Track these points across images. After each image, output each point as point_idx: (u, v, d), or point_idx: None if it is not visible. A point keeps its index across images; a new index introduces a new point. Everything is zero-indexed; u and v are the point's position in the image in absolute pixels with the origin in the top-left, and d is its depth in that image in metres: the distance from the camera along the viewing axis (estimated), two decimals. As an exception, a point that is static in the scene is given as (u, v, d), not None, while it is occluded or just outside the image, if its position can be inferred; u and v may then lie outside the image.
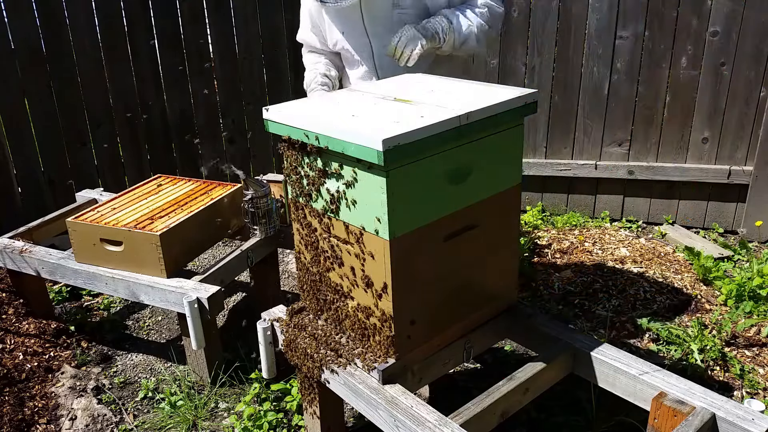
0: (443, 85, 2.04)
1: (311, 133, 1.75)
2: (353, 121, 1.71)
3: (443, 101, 1.82)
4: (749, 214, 3.75)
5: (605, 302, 3.06)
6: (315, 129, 1.73)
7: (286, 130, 1.84)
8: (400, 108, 1.80)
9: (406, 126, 1.61)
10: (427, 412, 1.70)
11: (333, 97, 2.07)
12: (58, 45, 3.76)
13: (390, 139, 1.54)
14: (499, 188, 1.91)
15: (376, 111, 1.81)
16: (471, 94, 1.89)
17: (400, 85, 2.10)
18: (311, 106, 1.95)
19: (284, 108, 1.91)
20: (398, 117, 1.70)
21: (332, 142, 1.68)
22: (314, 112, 1.85)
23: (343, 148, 1.65)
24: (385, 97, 1.93)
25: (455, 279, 1.89)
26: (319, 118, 1.79)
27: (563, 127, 3.96)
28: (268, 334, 2.13)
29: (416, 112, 1.73)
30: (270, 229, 2.95)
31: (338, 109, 1.85)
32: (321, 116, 1.80)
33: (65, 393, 2.62)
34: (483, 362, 2.68)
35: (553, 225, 3.98)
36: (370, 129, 1.61)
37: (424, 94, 1.94)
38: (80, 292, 3.44)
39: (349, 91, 2.11)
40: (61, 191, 3.92)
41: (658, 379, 1.81)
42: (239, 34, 4.05)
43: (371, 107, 1.85)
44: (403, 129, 1.59)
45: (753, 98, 3.59)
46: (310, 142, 1.76)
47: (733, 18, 3.48)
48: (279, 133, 1.88)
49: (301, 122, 1.79)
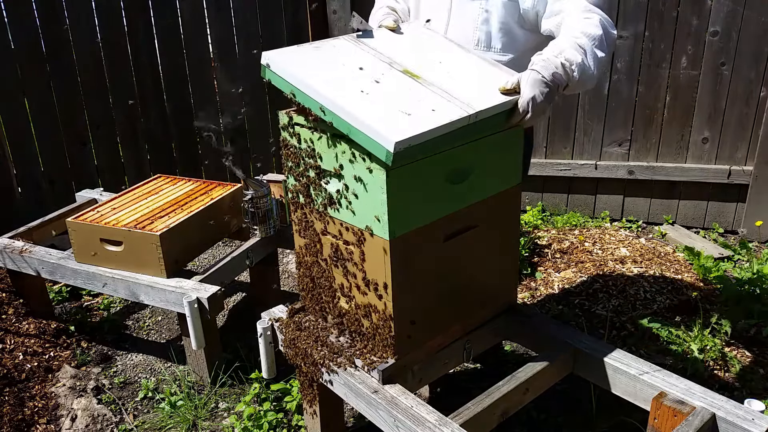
0: (449, 55, 1.93)
1: (316, 103, 1.66)
2: (363, 103, 1.62)
3: (451, 86, 1.74)
4: (749, 214, 3.75)
5: (605, 302, 3.06)
6: (322, 100, 1.64)
7: (288, 88, 1.73)
8: (409, 89, 1.72)
9: (418, 125, 1.56)
10: (427, 412, 1.70)
11: (341, 51, 1.86)
12: (58, 45, 3.76)
13: (402, 141, 1.50)
14: (499, 188, 1.91)
15: (385, 89, 1.71)
16: (476, 77, 1.81)
17: (410, 45, 1.95)
18: (318, 59, 1.79)
19: (288, 58, 1.76)
20: (409, 106, 1.63)
21: (339, 121, 1.62)
22: (323, 75, 1.71)
23: (349, 131, 1.59)
24: (393, 64, 1.82)
25: (455, 279, 1.89)
26: (327, 86, 1.67)
27: (563, 126, 3.96)
28: (268, 334, 2.13)
29: (426, 101, 1.66)
30: (270, 229, 2.95)
31: (346, 75, 1.74)
32: (330, 84, 1.68)
33: (65, 393, 2.62)
34: (483, 362, 2.68)
35: (553, 225, 3.98)
36: (382, 123, 1.54)
37: (432, 67, 1.84)
38: (80, 292, 3.44)
39: (356, 43, 1.91)
40: (61, 191, 3.92)
41: (658, 379, 1.81)
42: (239, 34, 4.05)
43: (379, 79, 1.74)
44: (415, 129, 1.54)
45: (753, 98, 3.59)
46: (313, 110, 1.68)
47: (733, 18, 3.48)
48: (280, 88, 1.75)
49: (306, 84, 1.68)
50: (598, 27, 1.81)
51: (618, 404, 2.03)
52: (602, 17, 1.85)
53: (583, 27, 1.80)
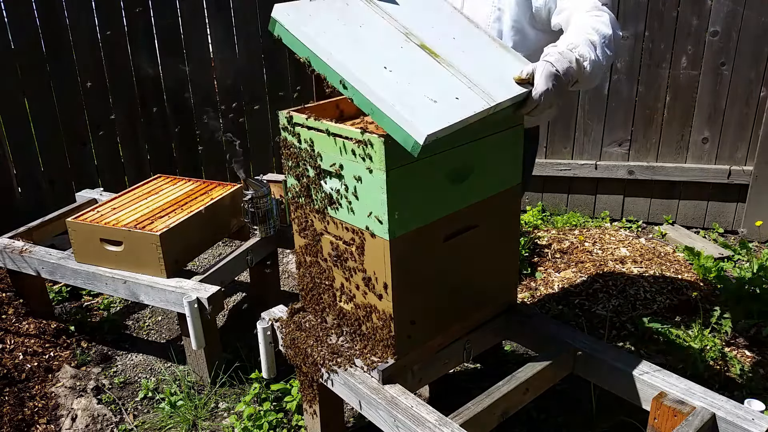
0: (461, 30, 1.85)
1: (336, 75, 1.55)
2: (389, 83, 1.54)
3: (469, 70, 1.68)
4: (749, 214, 3.75)
5: (605, 302, 3.06)
6: (345, 73, 1.54)
7: (304, 52, 1.60)
8: (430, 69, 1.64)
9: (446, 116, 1.49)
10: (427, 412, 1.70)
11: (355, 12, 1.76)
12: (58, 45, 3.76)
13: (432, 134, 1.44)
14: (499, 188, 1.91)
15: (408, 67, 1.62)
16: (489, 60, 1.75)
17: (422, 14, 1.85)
18: (333, 19, 1.67)
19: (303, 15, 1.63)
20: (434, 91, 1.56)
21: (361, 99, 1.53)
22: (342, 41, 1.60)
23: (372, 111, 1.51)
24: (409, 36, 1.72)
25: (455, 279, 1.89)
26: (349, 56, 1.56)
27: (563, 126, 3.95)
28: (268, 334, 2.13)
29: (449, 87, 1.59)
30: (270, 229, 2.95)
31: (366, 44, 1.64)
32: (351, 55, 1.57)
33: (65, 393, 2.62)
34: (483, 362, 2.68)
35: (553, 225, 3.98)
36: (411, 111, 1.47)
37: (447, 43, 1.76)
38: (80, 292, 3.43)
39: (368, 3, 1.79)
40: (61, 191, 3.92)
41: (658, 379, 1.81)
42: (239, 33, 4.05)
43: (399, 53, 1.66)
44: (443, 121, 1.47)
45: (753, 98, 3.59)
46: (331, 81, 1.58)
47: (733, 18, 3.47)
48: (293, 49, 1.63)
49: (326, 51, 1.57)
50: (608, 26, 1.81)
51: (618, 404, 2.03)
52: (611, 16, 1.85)
53: (594, 24, 1.80)
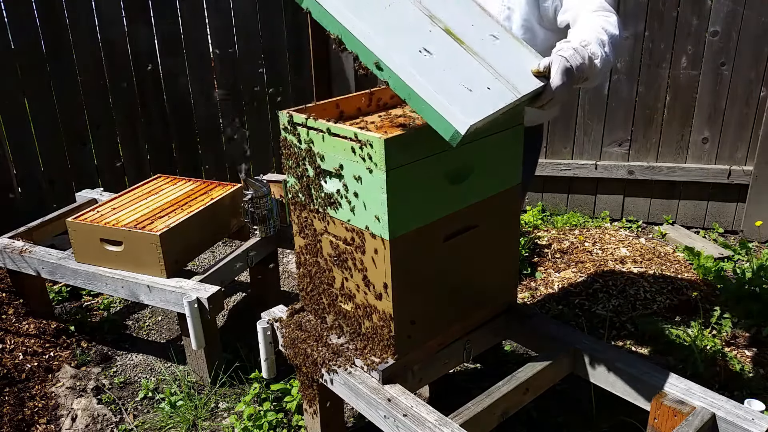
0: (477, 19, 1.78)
1: (372, 55, 1.50)
2: (426, 68, 1.50)
3: (492, 59, 1.65)
4: (749, 214, 3.75)
5: (605, 302, 3.06)
6: (382, 55, 1.49)
7: (336, 28, 1.55)
8: (460, 57, 1.60)
9: (483, 106, 1.47)
10: (427, 412, 1.70)
11: None
12: (58, 45, 3.76)
13: (474, 125, 1.42)
14: (499, 188, 1.91)
15: (440, 52, 1.58)
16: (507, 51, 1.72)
17: None
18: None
19: None
20: (467, 79, 1.52)
21: (398, 83, 1.47)
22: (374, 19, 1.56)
23: (409, 96, 1.47)
24: (434, 19, 1.67)
25: (455, 279, 1.89)
26: (384, 37, 1.52)
27: (563, 126, 3.96)
28: (268, 334, 2.13)
29: (479, 77, 1.56)
30: (270, 229, 2.95)
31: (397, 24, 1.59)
32: (386, 36, 1.53)
33: (65, 393, 2.62)
34: (483, 362, 2.68)
35: (553, 225, 3.98)
36: (451, 99, 1.44)
37: (468, 31, 1.70)
38: (80, 292, 3.44)
39: None
40: (61, 191, 3.92)
41: (658, 379, 1.81)
42: (239, 33, 4.05)
43: (429, 37, 1.60)
44: (482, 111, 1.45)
45: (753, 98, 3.60)
46: (365, 62, 1.53)
47: (733, 18, 3.48)
48: (323, 24, 1.58)
49: (360, 30, 1.51)
50: (615, 27, 1.83)
51: (618, 404, 2.03)
52: (617, 18, 1.87)
53: (604, 24, 1.81)
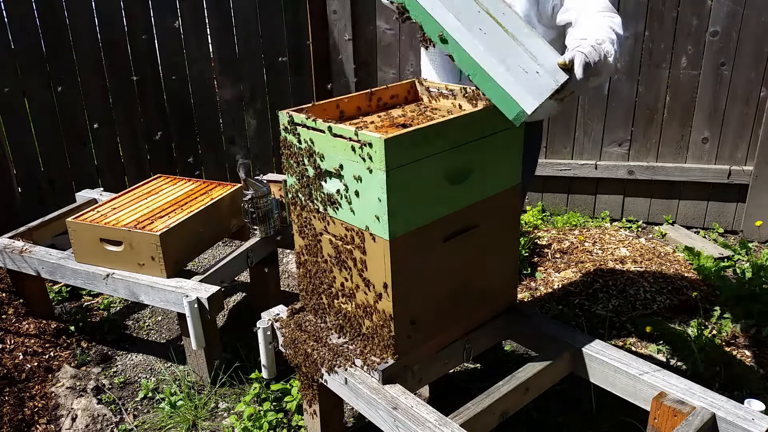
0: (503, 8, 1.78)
1: (438, 26, 1.50)
2: (489, 45, 1.48)
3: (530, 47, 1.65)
4: (749, 214, 3.75)
5: (605, 302, 3.06)
6: (449, 27, 1.48)
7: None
8: (507, 40, 1.59)
9: (542, 89, 1.47)
10: (427, 412, 1.70)
11: None
12: (58, 45, 3.76)
13: (538, 106, 1.42)
14: (499, 188, 1.91)
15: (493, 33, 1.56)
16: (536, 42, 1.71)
17: None
18: None
19: None
20: (521, 62, 1.51)
21: (464, 57, 1.46)
22: None
23: (475, 73, 1.46)
24: (477, 2, 1.68)
25: (455, 279, 1.89)
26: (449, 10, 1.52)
27: (563, 126, 3.96)
28: (268, 334, 2.13)
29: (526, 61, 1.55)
30: (270, 229, 2.95)
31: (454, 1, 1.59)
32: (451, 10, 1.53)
33: (65, 393, 2.62)
34: (483, 362, 2.68)
35: (553, 225, 3.98)
36: (518, 79, 1.44)
37: (503, 18, 1.71)
38: (80, 292, 3.44)
39: None
40: (61, 191, 3.92)
41: (658, 379, 1.81)
42: (239, 34, 4.04)
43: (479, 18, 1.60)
44: (541, 95, 1.45)
45: (753, 98, 3.59)
46: (429, 32, 1.52)
47: (733, 18, 3.48)
48: None
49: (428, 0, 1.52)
50: (620, 28, 1.87)
51: (618, 404, 2.03)
52: (620, 19, 1.91)
53: (611, 24, 1.86)
